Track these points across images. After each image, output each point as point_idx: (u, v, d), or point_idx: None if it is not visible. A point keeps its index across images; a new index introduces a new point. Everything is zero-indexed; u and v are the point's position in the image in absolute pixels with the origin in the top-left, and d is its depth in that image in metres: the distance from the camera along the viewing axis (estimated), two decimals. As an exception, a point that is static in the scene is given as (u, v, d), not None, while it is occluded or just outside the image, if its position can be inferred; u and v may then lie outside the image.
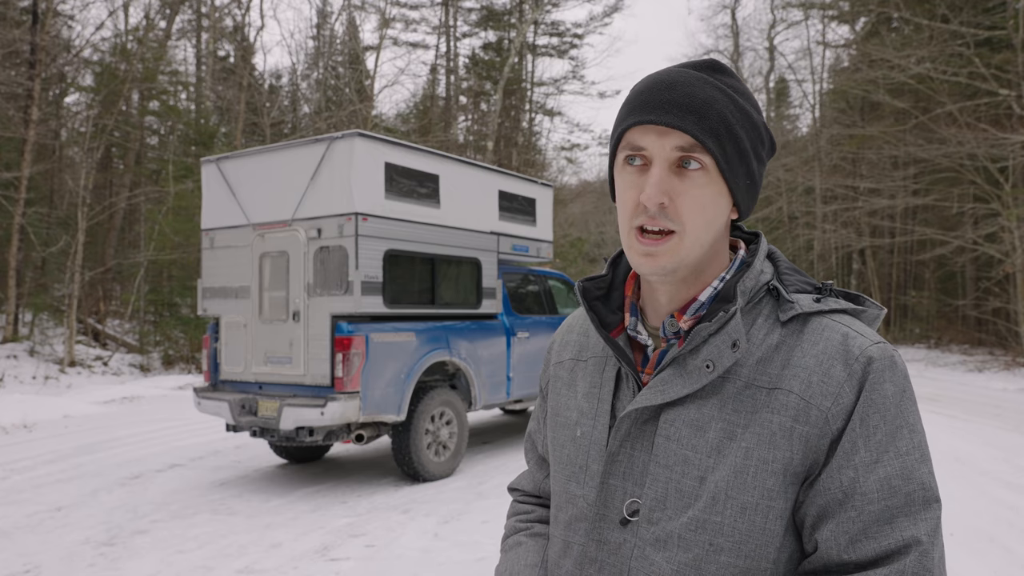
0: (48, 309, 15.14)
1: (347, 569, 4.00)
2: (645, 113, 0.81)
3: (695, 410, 0.83)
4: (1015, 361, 15.86)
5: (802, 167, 25.37)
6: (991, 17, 17.38)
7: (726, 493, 0.79)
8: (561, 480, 0.95)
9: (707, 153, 0.80)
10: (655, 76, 0.85)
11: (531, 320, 7.46)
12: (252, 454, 7.21)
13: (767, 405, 0.80)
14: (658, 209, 0.81)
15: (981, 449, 7.15)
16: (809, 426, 0.78)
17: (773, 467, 0.79)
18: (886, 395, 0.78)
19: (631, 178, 0.84)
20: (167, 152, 18.43)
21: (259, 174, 5.99)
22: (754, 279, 0.87)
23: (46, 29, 14.76)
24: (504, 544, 1.11)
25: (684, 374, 0.83)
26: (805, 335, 0.82)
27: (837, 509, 0.77)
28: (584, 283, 0.97)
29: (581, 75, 31.03)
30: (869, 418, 0.77)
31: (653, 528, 0.83)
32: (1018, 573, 3.88)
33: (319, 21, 26.15)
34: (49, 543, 4.42)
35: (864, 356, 0.79)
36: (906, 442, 0.78)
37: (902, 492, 0.76)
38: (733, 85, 0.85)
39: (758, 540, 0.79)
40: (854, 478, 0.77)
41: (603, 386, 0.93)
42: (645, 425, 0.86)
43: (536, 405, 1.15)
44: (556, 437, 0.99)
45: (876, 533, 0.75)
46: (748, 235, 0.97)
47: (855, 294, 0.89)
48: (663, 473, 0.83)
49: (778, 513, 0.79)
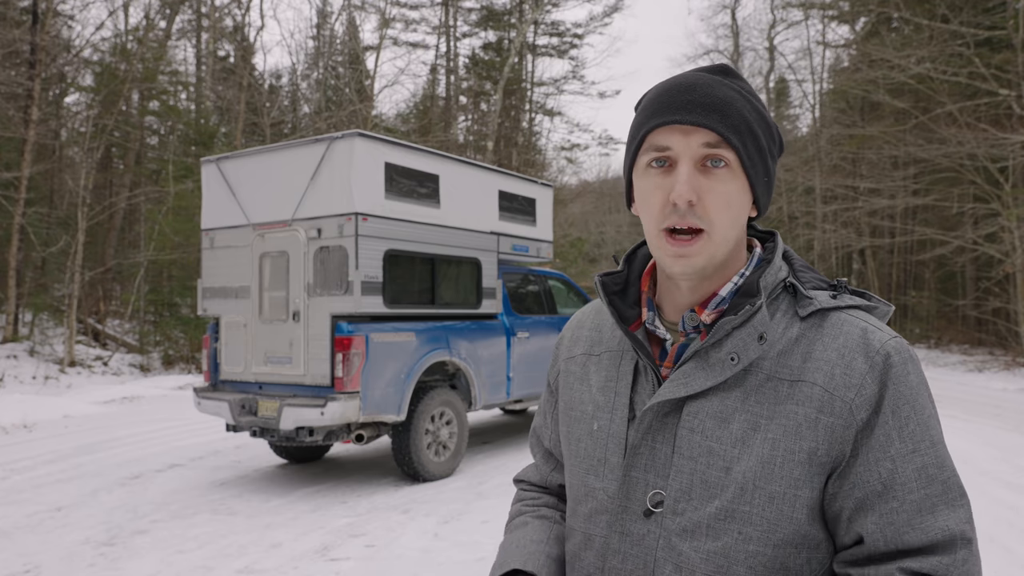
0: (48, 309, 15.14)
1: (347, 569, 4.00)
2: (669, 114, 0.83)
3: (718, 402, 0.85)
4: (1015, 361, 15.86)
5: (802, 167, 25.36)
6: (991, 17, 17.36)
7: (754, 483, 0.81)
8: (579, 473, 0.96)
9: (731, 149, 0.83)
10: (672, 80, 0.87)
11: (531, 320, 7.46)
12: (252, 454, 7.21)
13: (791, 397, 0.82)
14: (688, 207, 0.82)
15: (981, 449, 7.15)
16: (834, 417, 0.80)
17: (799, 457, 0.81)
18: (912, 386, 0.81)
19: (657, 180, 0.85)
20: (167, 152, 18.42)
21: (259, 174, 5.99)
22: (774, 275, 0.89)
23: (46, 29, 14.76)
24: (509, 526, 1.11)
25: (707, 367, 0.85)
26: (825, 329, 0.85)
27: (877, 500, 0.79)
28: (602, 277, 0.98)
29: (581, 75, 30.97)
30: (900, 409, 0.80)
31: (679, 519, 0.84)
32: (1018, 573, 3.88)
33: (319, 21, 26.15)
34: (49, 543, 4.42)
35: (884, 350, 0.82)
36: (936, 432, 0.81)
37: (939, 480, 0.79)
38: (745, 87, 0.88)
39: (785, 528, 0.81)
40: (892, 469, 0.79)
41: (620, 380, 0.94)
42: (666, 418, 0.87)
43: (543, 400, 1.15)
44: (571, 431, 1.00)
45: (921, 523, 0.78)
46: (763, 234, 0.99)
47: (864, 292, 0.91)
48: (688, 464, 0.84)
49: (804, 501, 0.81)
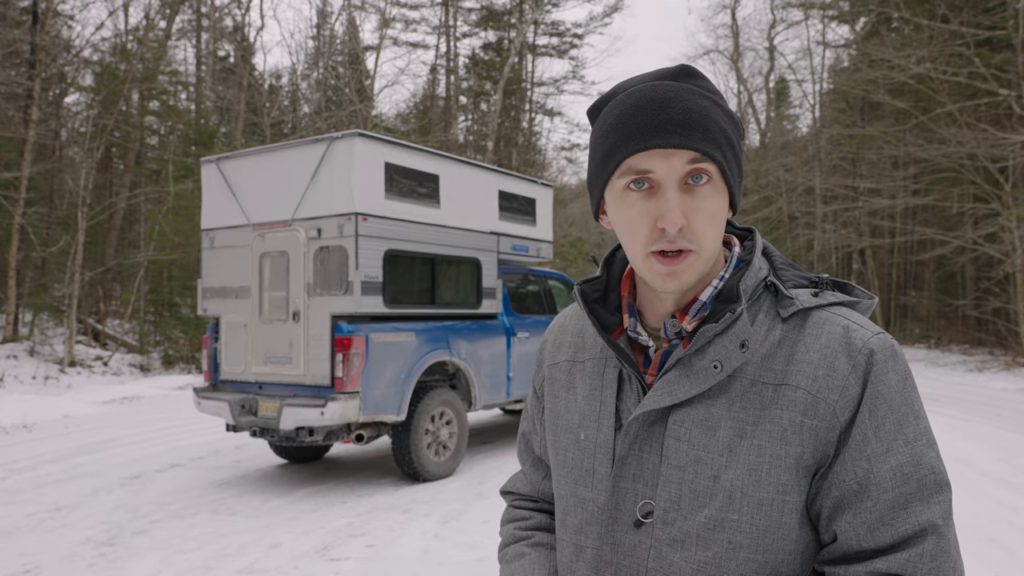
0: (48, 309, 15.13)
1: (347, 569, 4.00)
2: (648, 138, 0.79)
3: (704, 410, 0.83)
4: (1015, 361, 15.85)
5: (802, 167, 25.36)
6: (991, 17, 17.36)
7: (742, 491, 0.80)
8: (567, 484, 0.95)
9: (713, 163, 0.80)
10: (640, 94, 0.81)
11: (531, 320, 7.46)
12: (252, 454, 7.21)
13: (775, 402, 0.81)
14: (678, 232, 0.80)
15: (981, 449, 7.15)
16: (818, 420, 0.79)
17: (786, 462, 0.80)
18: (890, 385, 0.80)
19: (640, 205, 0.81)
20: (167, 152, 18.42)
21: (259, 174, 5.99)
22: (754, 277, 0.87)
23: (46, 29, 14.76)
24: (503, 553, 1.07)
25: (690, 375, 0.83)
26: (807, 330, 0.83)
27: (853, 500, 0.79)
28: (582, 286, 0.96)
29: (581, 75, 31.07)
30: (877, 409, 0.79)
31: (669, 528, 0.83)
32: (1018, 573, 3.87)
33: (319, 21, 26.20)
34: (49, 543, 4.42)
35: (867, 348, 0.81)
36: (912, 428, 0.80)
37: (914, 478, 0.78)
38: (709, 88, 0.84)
39: (775, 534, 0.80)
40: (868, 469, 0.78)
41: (604, 388, 0.92)
42: (652, 427, 0.86)
43: (530, 405, 1.12)
44: (558, 440, 0.98)
45: (892, 520, 0.77)
46: (740, 231, 0.97)
47: (845, 283, 0.90)
48: (675, 474, 0.83)
49: (793, 506, 0.80)
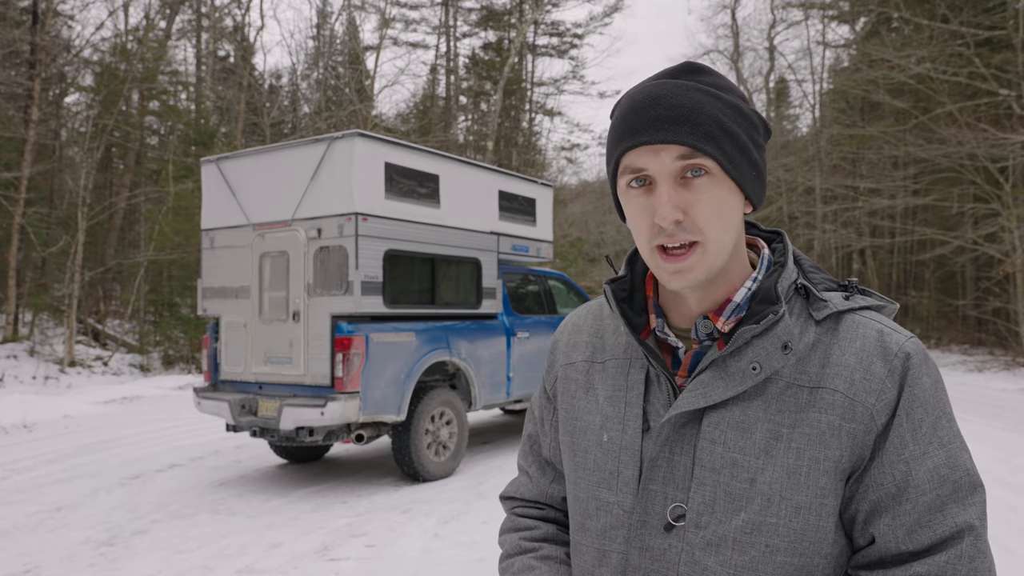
0: (48, 309, 15.14)
1: (347, 569, 4.00)
2: (636, 136, 0.80)
3: (739, 412, 0.82)
4: (1015, 361, 15.85)
5: (802, 167, 25.34)
6: (991, 17, 17.36)
7: (780, 494, 0.79)
8: (588, 487, 0.92)
9: (708, 157, 0.79)
10: (636, 95, 0.83)
11: (531, 320, 7.46)
12: (252, 454, 7.21)
13: (812, 405, 0.80)
14: (675, 226, 0.80)
15: (980, 449, 7.15)
16: (856, 423, 0.79)
17: (824, 465, 0.79)
18: (925, 388, 0.80)
19: (639, 200, 0.83)
20: (167, 152, 18.42)
21: (259, 174, 5.99)
22: (788, 279, 0.86)
23: (46, 29, 14.76)
24: (508, 564, 1.01)
25: (726, 376, 0.82)
26: (841, 333, 0.83)
27: (891, 503, 0.79)
28: (611, 285, 0.95)
29: (581, 75, 31.06)
30: (913, 412, 0.79)
31: (702, 532, 0.82)
32: (1018, 573, 3.87)
33: (319, 21, 26.19)
34: (49, 543, 4.42)
35: (902, 352, 0.81)
36: (946, 431, 0.80)
37: (950, 480, 0.78)
38: (714, 82, 0.83)
39: (812, 538, 0.80)
40: (906, 471, 0.78)
41: (630, 389, 0.91)
42: (684, 429, 0.84)
43: (537, 406, 1.08)
44: (576, 442, 0.95)
45: (930, 522, 0.77)
46: (768, 234, 0.96)
47: (870, 291, 0.90)
48: (710, 477, 0.82)
49: (830, 510, 0.80)
